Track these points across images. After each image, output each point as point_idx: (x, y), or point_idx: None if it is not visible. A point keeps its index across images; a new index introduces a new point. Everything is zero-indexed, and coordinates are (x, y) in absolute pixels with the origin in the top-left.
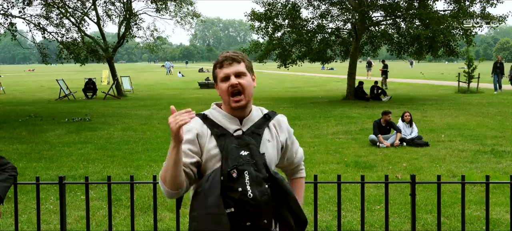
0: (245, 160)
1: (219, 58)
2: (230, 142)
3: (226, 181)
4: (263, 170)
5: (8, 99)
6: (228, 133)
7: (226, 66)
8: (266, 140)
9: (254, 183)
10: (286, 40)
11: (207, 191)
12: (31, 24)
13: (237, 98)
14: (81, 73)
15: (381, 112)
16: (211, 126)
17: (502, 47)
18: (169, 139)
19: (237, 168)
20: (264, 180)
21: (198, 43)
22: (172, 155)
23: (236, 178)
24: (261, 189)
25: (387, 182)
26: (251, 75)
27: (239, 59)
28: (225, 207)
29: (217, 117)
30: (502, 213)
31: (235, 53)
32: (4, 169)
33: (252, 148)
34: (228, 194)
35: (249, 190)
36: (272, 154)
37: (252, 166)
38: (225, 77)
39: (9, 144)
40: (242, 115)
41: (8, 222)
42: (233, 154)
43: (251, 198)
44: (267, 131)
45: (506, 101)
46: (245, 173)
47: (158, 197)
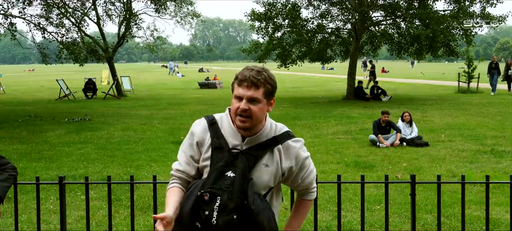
0: (224, 185)
1: (241, 75)
2: (221, 159)
3: (199, 200)
4: (237, 199)
5: (8, 99)
6: (225, 148)
7: (243, 87)
8: (262, 164)
9: (221, 211)
10: (286, 40)
11: (185, 200)
12: (31, 24)
13: (243, 119)
14: (81, 73)
15: (381, 113)
16: (213, 135)
17: (502, 47)
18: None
19: (210, 192)
20: (234, 210)
21: (198, 43)
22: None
23: (207, 202)
24: (226, 218)
25: (387, 182)
26: (267, 101)
27: (259, 84)
28: (195, 221)
29: (225, 126)
30: (502, 213)
31: (257, 75)
32: (4, 169)
33: (239, 173)
34: (198, 211)
35: (214, 216)
36: (265, 180)
37: (227, 193)
38: (239, 97)
39: (9, 144)
40: (247, 133)
41: (8, 222)
42: (215, 174)
43: (214, 225)
44: (269, 155)
45: (506, 101)
46: (217, 199)
47: (158, 197)
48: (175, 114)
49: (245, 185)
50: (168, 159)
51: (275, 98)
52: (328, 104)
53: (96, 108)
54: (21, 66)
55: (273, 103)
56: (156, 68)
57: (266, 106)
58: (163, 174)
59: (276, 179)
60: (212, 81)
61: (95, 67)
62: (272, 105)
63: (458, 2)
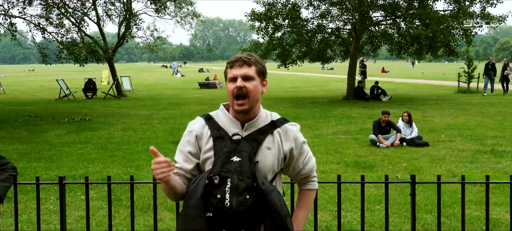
0: (232, 168)
1: (233, 58)
2: (225, 146)
3: (208, 185)
4: (248, 179)
5: (8, 99)
6: (226, 136)
7: (236, 67)
8: (265, 147)
9: (234, 192)
10: (286, 40)
11: (191, 192)
12: (31, 24)
13: (240, 102)
14: (81, 73)
15: (381, 112)
16: (212, 127)
17: (502, 47)
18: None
19: (220, 175)
20: (246, 190)
21: (198, 43)
22: (163, 187)
23: (218, 185)
24: (239, 198)
25: (387, 182)
26: (260, 81)
27: (250, 62)
28: (205, 211)
29: (222, 118)
30: (502, 213)
31: (248, 56)
32: (4, 168)
33: (244, 155)
34: (209, 199)
35: (227, 198)
36: (269, 163)
37: (236, 174)
38: (233, 79)
39: (9, 144)
40: (245, 119)
41: (8, 222)
42: (222, 159)
43: (228, 207)
44: (270, 138)
45: (506, 101)
46: (228, 181)
47: (158, 197)
48: (175, 114)
49: (252, 168)
50: None
51: (269, 98)
52: (328, 104)
53: (96, 108)
54: (21, 66)
55: (266, 84)
56: (156, 68)
57: (260, 85)
58: None
59: (279, 162)
60: (212, 81)
61: (95, 67)
62: (265, 86)
63: (458, 2)
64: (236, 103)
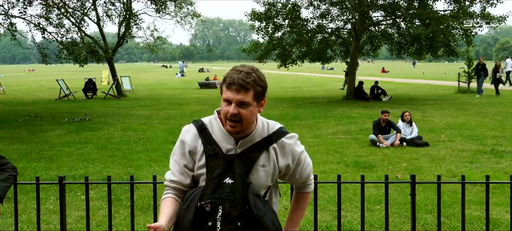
0: (224, 194)
1: (229, 77)
2: (217, 166)
3: (200, 211)
4: (240, 205)
5: (8, 99)
6: (220, 153)
7: (232, 91)
8: (259, 165)
9: (225, 220)
10: (286, 40)
11: (183, 212)
12: (31, 24)
13: (233, 124)
14: (81, 73)
15: (380, 112)
16: (205, 141)
17: (502, 47)
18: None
19: (211, 202)
20: (237, 218)
21: (198, 43)
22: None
23: (209, 213)
24: (231, 227)
25: (387, 182)
26: (257, 103)
27: (248, 87)
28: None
29: (215, 130)
30: (502, 213)
31: (247, 78)
32: (4, 168)
33: (237, 179)
34: (201, 223)
35: (218, 226)
36: (263, 180)
37: (228, 202)
38: (227, 101)
39: (9, 144)
40: (239, 136)
41: (8, 222)
42: (214, 183)
43: None
44: (265, 155)
45: (506, 101)
46: (219, 208)
47: (158, 197)
48: (175, 114)
49: (245, 191)
50: (168, 159)
51: (269, 98)
52: (328, 104)
53: (96, 108)
54: (21, 66)
55: (264, 103)
56: (156, 68)
57: (256, 108)
58: (163, 174)
59: (273, 177)
60: (212, 81)
61: (95, 67)
62: (263, 106)
63: (458, 2)
64: (229, 124)
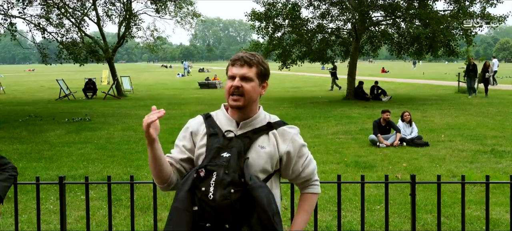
0: (220, 162)
1: (235, 56)
2: (217, 142)
3: (195, 179)
4: (234, 173)
5: (8, 99)
6: (220, 133)
7: (237, 66)
8: (258, 145)
9: (218, 185)
10: (286, 40)
11: (181, 185)
12: (31, 24)
13: (235, 98)
14: (81, 73)
15: (381, 112)
16: (208, 125)
17: (502, 47)
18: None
19: (206, 168)
20: (231, 184)
21: (198, 43)
22: (148, 153)
23: (203, 178)
24: (224, 192)
25: (387, 182)
26: (259, 82)
27: (251, 63)
28: (193, 205)
29: (220, 117)
30: (502, 213)
31: (250, 56)
32: (5, 168)
33: (233, 151)
34: (195, 192)
35: (211, 191)
36: (262, 162)
37: (223, 168)
38: (232, 77)
39: (9, 144)
40: (241, 118)
41: (8, 222)
42: (211, 154)
43: (211, 199)
44: (264, 137)
45: (506, 101)
46: (213, 174)
47: (158, 197)
48: (175, 114)
49: (241, 163)
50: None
51: (269, 98)
52: (328, 104)
53: (96, 108)
54: (21, 66)
55: (266, 86)
56: (156, 68)
57: (258, 87)
58: None
59: (273, 162)
60: (212, 81)
61: (95, 67)
62: (265, 88)
63: (458, 2)
64: (231, 99)
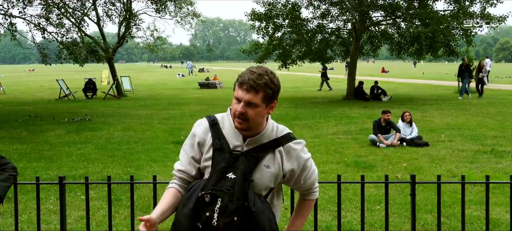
0: (225, 187)
1: (242, 77)
2: (223, 160)
3: (200, 200)
4: (238, 201)
5: (8, 99)
6: (226, 149)
7: (243, 90)
8: (263, 165)
9: (222, 213)
10: (286, 40)
11: (186, 200)
12: (31, 24)
13: (240, 121)
14: (81, 73)
15: (381, 112)
16: (214, 135)
17: (502, 47)
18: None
19: (211, 193)
20: (234, 212)
21: (198, 43)
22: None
23: (208, 203)
24: (227, 220)
25: (387, 182)
26: (266, 106)
27: (258, 89)
28: (196, 221)
29: (226, 126)
30: (502, 213)
31: (258, 79)
32: (5, 168)
33: (239, 174)
34: (200, 212)
35: (215, 218)
36: (266, 181)
37: (227, 195)
38: (237, 99)
39: (9, 144)
40: (248, 134)
41: (8, 222)
42: (216, 176)
43: (215, 226)
44: (270, 156)
45: (506, 101)
46: (218, 200)
47: (158, 197)
48: (175, 114)
49: (246, 187)
50: (168, 159)
51: (277, 100)
52: (328, 104)
53: (96, 108)
54: (21, 66)
55: (274, 106)
56: (156, 68)
57: (265, 110)
58: (163, 174)
59: (276, 180)
60: (212, 81)
61: (95, 67)
62: (272, 108)
63: (458, 2)
64: (236, 121)
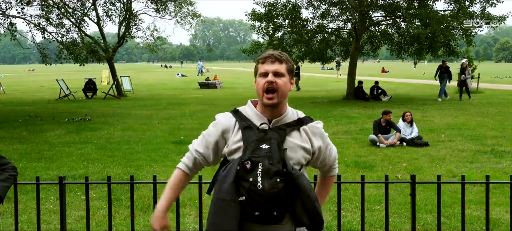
0: (262, 153)
1: (264, 54)
2: (253, 135)
3: (240, 170)
4: (278, 164)
5: (8, 99)
6: (254, 126)
7: (268, 63)
8: (292, 139)
9: (265, 175)
10: (286, 41)
11: (223, 177)
12: (31, 24)
13: (270, 96)
14: (81, 73)
15: (382, 112)
16: (239, 119)
17: (502, 47)
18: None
19: (251, 160)
20: (276, 174)
21: (198, 43)
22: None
23: (250, 169)
24: (271, 181)
25: (387, 182)
26: (289, 78)
27: (281, 60)
28: (238, 195)
29: (249, 112)
30: (502, 213)
31: (280, 53)
32: (5, 168)
33: (273, 142)
34: (241, 183)
35: (259, 181)
36: (297, 155)
37: (267, 159)
38: (264, 74)
39: (9, 144)
40: (272, 115)
41: (8, 222)
42: (252, 146)
43: (260, 189)
44: (296, 133)
45: (506, 101)
46: (259, 165)
47: (158, 197)
48: (175, 114)
49: (282, 154)
50: (168, 159)
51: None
52: (328, 104)
53: (96, 108)
54: (21, 66)
55: (293, 82)
56: (156, 68)
57: (288, 82)
58: (163, 174)
59: (306, 156)
60: (212, 81)
61: (95, 67)
62: (292, 84)
63: (458, 2)
64: (265, 97)
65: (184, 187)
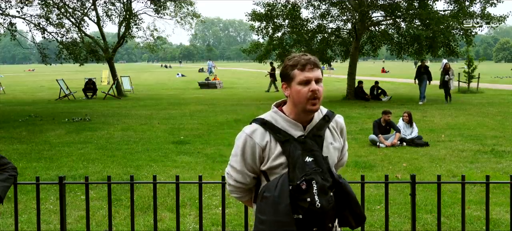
0: (312, 169)
1: (300, 60)
2: (295, 149)
3: (295, 191)
4: (328, 177)
5: (8, 99)
6: (291, 138)
7: (308, 70)
8: (328, 142)
9: (321, 192)
10: (286, 41)
11: (277, 198)
12: (31, 24)
13: (314, 102)
14: (81, 73)
15: (382, 112)
16: (273, 132)
17: (502, 47)
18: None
19: (305, 179)
20: (329, 188)
21: (198, 43)
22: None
23: (305, 190)
24: (327, 197)
25: (387, 182)
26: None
27: (318, 65)
28: (294, 213)
29: (279, 121)
30: (502, 213)
31: (315, 58)
32: (5, 168)
33: (316, 154)
34: (297, 203)
35: (317, 200)
36: (333, 156)
37: (319, 175)
38: (306, 81)
39: (9, 144)
40: (306, 120)
41: (8, 222)
42: (300, 163)
43: (319, 208)
44: (328, 133)
45: (506, 101)
46: (313, 183)
47: (158, 197)
48: (175, 114)
49: (327, 164)
50: (168, 159)
51: (269, 98)
52: (328, 105)
53: (96, 108)
54: (21, 66)
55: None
56: (156, 68)
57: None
58: (163, 174)
59: (338, 154)
60: (212, 81)
61: (95, 67)
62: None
63: (458, 2)
64: (310, 103)
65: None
